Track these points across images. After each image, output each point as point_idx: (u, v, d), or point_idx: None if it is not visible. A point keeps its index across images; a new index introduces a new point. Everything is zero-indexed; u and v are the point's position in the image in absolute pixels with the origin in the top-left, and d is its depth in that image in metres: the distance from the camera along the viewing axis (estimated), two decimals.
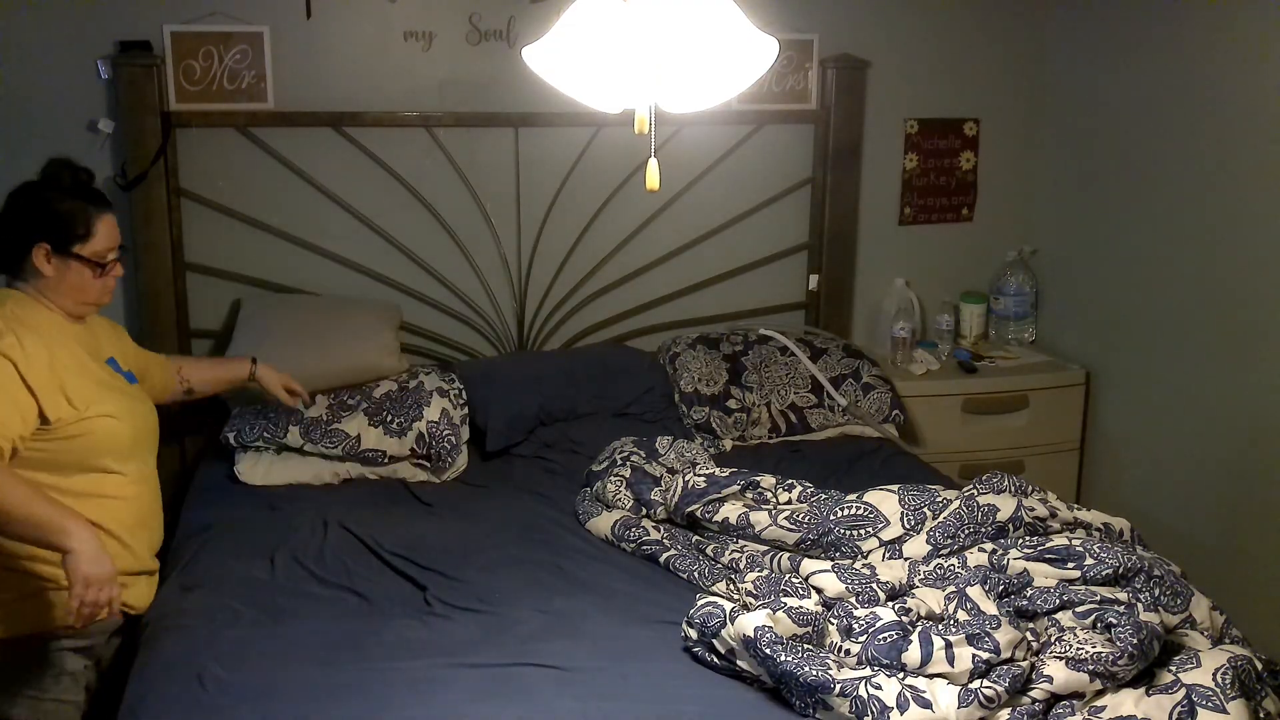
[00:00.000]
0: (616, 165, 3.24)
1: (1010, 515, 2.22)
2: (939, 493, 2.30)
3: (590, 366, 3.16)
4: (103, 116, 2.94)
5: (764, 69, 1.74)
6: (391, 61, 3.12)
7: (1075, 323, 3.54)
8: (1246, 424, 2.90)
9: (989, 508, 2.24)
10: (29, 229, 2.05)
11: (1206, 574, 3.00)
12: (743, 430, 3.04)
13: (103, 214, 2.09)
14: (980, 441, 3.35)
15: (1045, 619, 1.90)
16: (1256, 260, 2.84)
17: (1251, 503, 2.90)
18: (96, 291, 2.12)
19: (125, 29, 2.91)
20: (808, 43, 3.38)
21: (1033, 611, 1.92)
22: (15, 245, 2.05)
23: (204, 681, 1.86)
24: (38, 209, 2.06)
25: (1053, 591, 1.95)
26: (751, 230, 3.46)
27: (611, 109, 1.81)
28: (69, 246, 2.05)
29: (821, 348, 3.25)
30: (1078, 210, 3.50)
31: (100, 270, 2.10)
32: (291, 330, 2.92)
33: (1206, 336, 3.01)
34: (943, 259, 3.67)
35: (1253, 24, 2.80)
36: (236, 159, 3.06)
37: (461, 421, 2.90)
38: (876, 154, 3.53)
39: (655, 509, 2.51)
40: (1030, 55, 3.59)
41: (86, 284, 2.09)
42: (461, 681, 1.87)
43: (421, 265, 3.24)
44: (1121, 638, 1.76)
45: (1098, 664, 1.73)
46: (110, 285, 2.15)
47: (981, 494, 2.30)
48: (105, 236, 2.09)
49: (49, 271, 2.05)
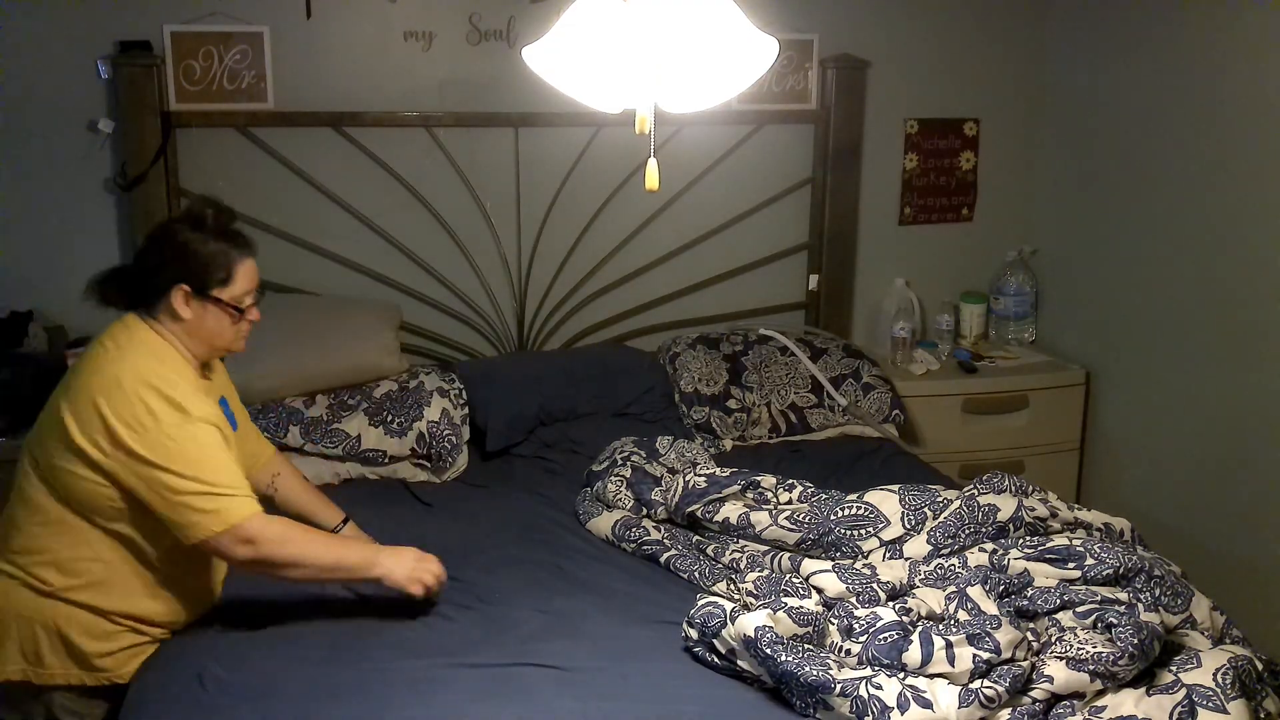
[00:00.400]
0: (616, 165, 3.24)
1: (1011, 515, 2.22)
2: (939, 493, 2.30)
3: (590, 366, 3.16)
4: (103, 116, 2.94)
5: (764, 69, 1.74)
6: (391, 61, 3.12)
7: (1075, 323, 3.54)
8: (1246, 424, 2.90)
9: (990, 507, 2.24)
10: (170, 269, 1.95)
11: (1206, 574, 3.00)
12: (743, 430, 3.04)
13: (245, 257, 2.01)
14: (980, 441, 3.35)
15: (1046, 619, 1.90)
16: (1256, 260, 2.84)
17: (1251, 503, 2.90)
18: (230, 337, 2.03)
19: (125, 29, 2.92)
20: (808, 43, 3.38)
21: (1033, 611, 1.92)
22: (154, 284, 1.97)
23: (204, 681, 1.86)
24: (180, 249, 1.96)
25: (1053, 591, 1.95)
26: (751, 230, 3.46)
27: (611, 109, 1.80)
28: (209, 290, 1.96)
29: (821, 348, 3.25)
30: (1078, 210, 3.50)
31: (238, 315, 2.01)
32: (291, 330, 2.91)
33: (1206, 336, 3.01)
34: (943, 259, 3.67)
35: (1253, 24, 2.80)
36: (236, 159, 3.06)
37: (462, 421, 2.90)
38: (876, 154, 3.53)
39: (656, 509, 2.51)
40: (1030, 55, 3.59)
41: (223, 329, 2.01)
42: (462, 681, 1.87)
43: (421, 265, 3.24)
44: (1122, 638, 1.75)
45: (1098, 664, 1.72)
46: (245, 331, 2.06)
47: (982, 494, 2.29)
48: (245, 280, 2.01)
49: (186, 314, 1.96)
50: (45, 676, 1.94)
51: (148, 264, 1.99)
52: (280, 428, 2.74)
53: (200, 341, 2.00)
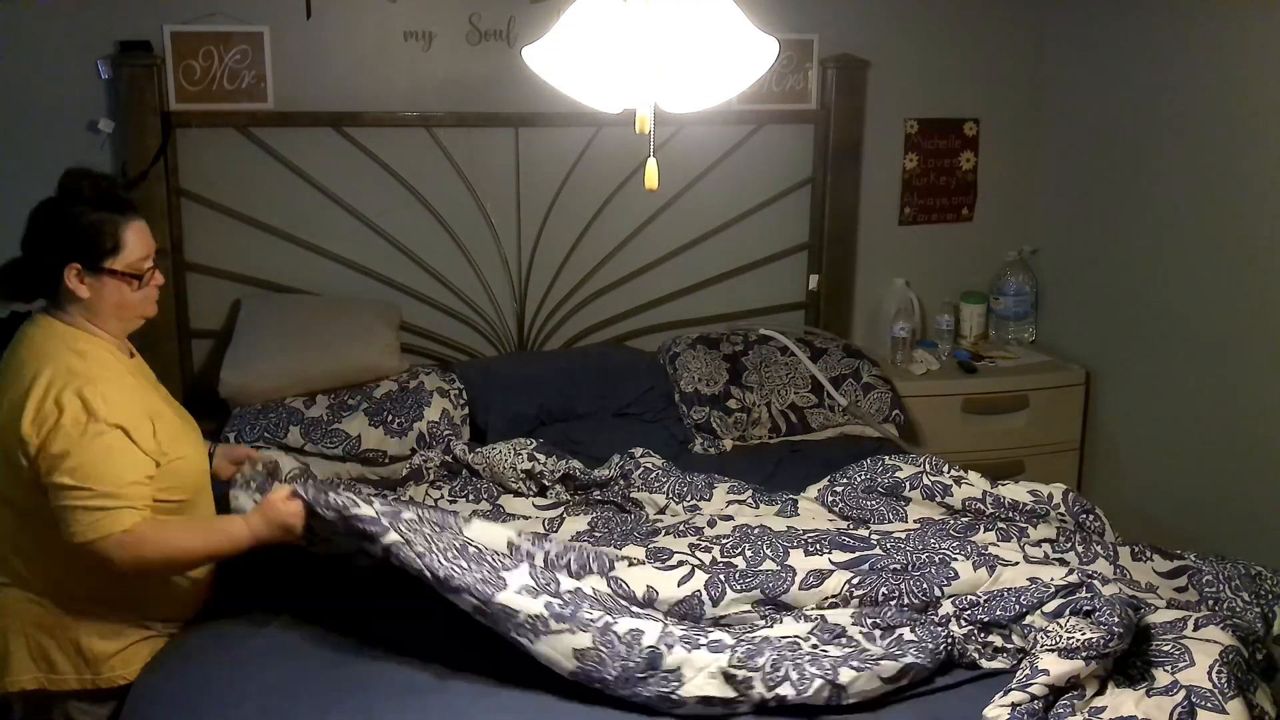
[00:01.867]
0: (616, 165, 3.24)
1: (909, 476, 2.44)
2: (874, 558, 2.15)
3: (590, 366, 3.17)
4: (103, 116, 2.94)
5: (764, 69, 1.74)
6: (391, 61, 3.12)
7: (1075, 323, 3.54)
8: (1246, 424, 2.90)
9: (892, 467, 2.46)
10: (55, 250, 1.88)
11: None
12: (743, 430, 3.04)
13: (130, 221, 1.92)
14: (980, 441, 3.35)
15: (1017, 625, 1.90)
16: (1256, 260, 2.84)
17: (1251, 503, 2.90)
18: (139, 304, 1.96)
19: (125, 29, 2.92)
20: (808, 43, 3.38)
21: (995, 622, 1.93)
22: (46, 270, 1.89)
23: (205, 681, 1.86)
24: (61, 227, 1.88)
25: (1009, 599, 1.94)
26: (751, 230, 3.46)
27: (611, 109, 1.81)
28: (100, 262, 1.89)
29: (821, 348, 3.25)
30: (1078, 210, 3.50)
31: (138, 282, 1.93)
32: (291, 330, 2.92)
33: (1206, 336, 3.01)
34: (943, 259, 3.67)
35: (1253, 24, 2.80)
36: (236, 159, 3.06)
37: (462, 421, 2.90)
38: (876, 154, 3.53)
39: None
40: (1030, 55, 3.59)
41: (127, 300, 1.93)
42: (463, 682, 1.86)
43: (421, 265, 3.24)
44: (1104, 620, 1.77)
45: (1090, 649, 1.74)
46: (153, 295, 1.98)
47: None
48: (138, 245, 1.92)
49: (84, 293, 1.89)
50: (59, 682, 1.93)
51: (34, 249, 1.91)
52: (280, 428, 2.74)
53: (109, 317, 1.93)
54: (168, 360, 3.00)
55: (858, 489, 2.50)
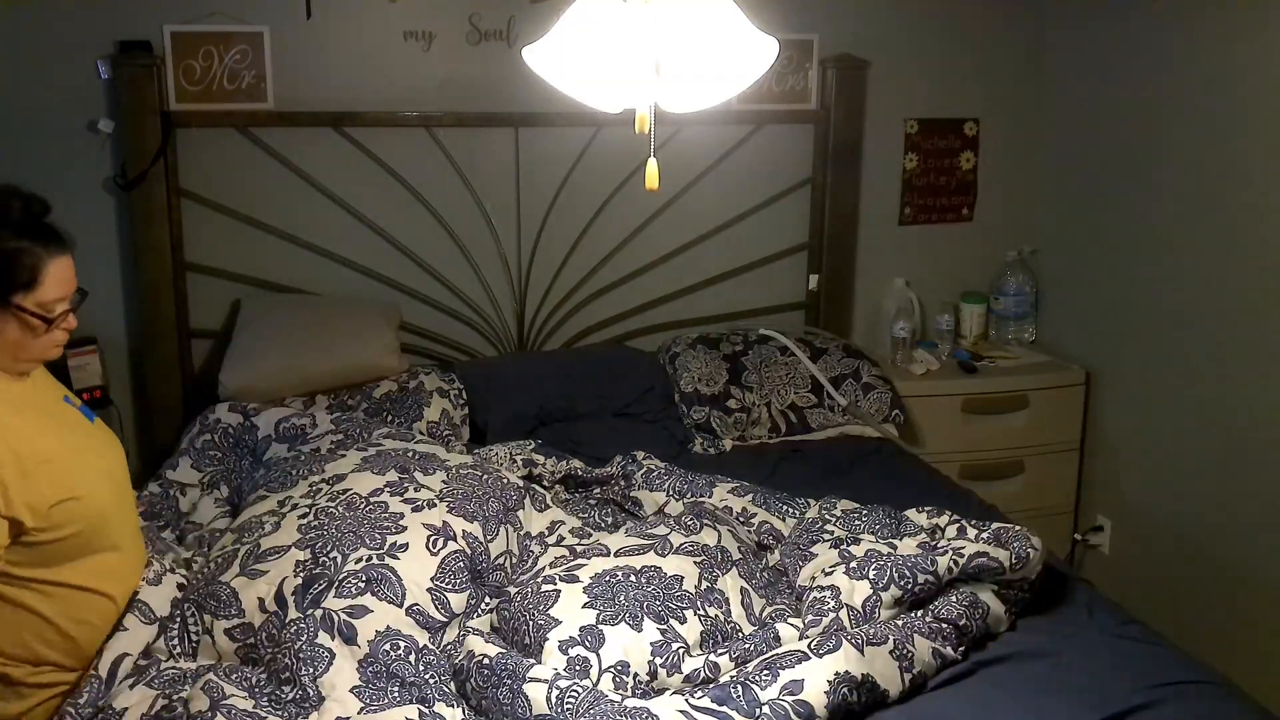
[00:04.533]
0: (616, 165, 3.25)
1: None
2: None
3: (590, 366, 3.17)
4: (103, 116, 2.94)
5: (764, 69, 1.74)
6: (391, 61, 3.12)
7: (1075, 323, 3.54)
8: (1246, 424, 2.90)
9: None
10: None
11: (1206, 574, 3.01)
12: (743, 430, 3.04)
13: (55, 256, 1.72)
14: (980, 442, 3.36)
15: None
16: (1257, 260, 2.84)
17: (1251, 503, 2.90)
18: (39, 348, 1.75)
19: (125, 29, 2.92)
20: (808, 43, 3.38)
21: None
22: None
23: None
24: None
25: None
26: (751, 230, 3.46)
27: (611, 109, 1.81)
28: (9, 295, 1.68)
29: (821, 348, 3.25)
30: (1078, 210, 3.50)
31: (46, 325, 1.73)
32: (291, 330, 2.92)
33: (1207, 336, 3.01)
34: (943, 259, 3.67)
35: (1253, 24, 2.80)
36: (236, 159, 3.06)
37: (461, 421, 2.90)
38: (876, 154, 3.53)
39: None
40: (1030, 55, 3.59)
41: (26, 343, 1.72)
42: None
43: (421, 265, 3.24)
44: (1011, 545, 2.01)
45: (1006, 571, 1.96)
46: (60, 339, 1.78)
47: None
48: (56, 284, 1.72)
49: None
50: None
51: None
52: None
53: (2, 354, 1.73)
54: (168, 360, 3.00)
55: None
